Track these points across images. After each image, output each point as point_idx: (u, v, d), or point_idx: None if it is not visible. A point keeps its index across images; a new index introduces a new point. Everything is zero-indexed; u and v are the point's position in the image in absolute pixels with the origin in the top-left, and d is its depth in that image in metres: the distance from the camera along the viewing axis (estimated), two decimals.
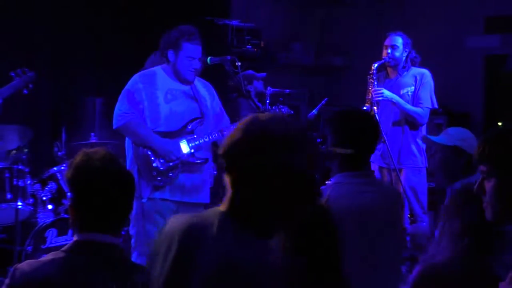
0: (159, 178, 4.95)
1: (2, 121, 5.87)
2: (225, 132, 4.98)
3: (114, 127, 5.06)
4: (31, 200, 5.94)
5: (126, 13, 7.97)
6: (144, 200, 4.90)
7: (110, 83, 8.00)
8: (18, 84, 5.66)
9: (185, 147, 5.02)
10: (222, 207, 2.06)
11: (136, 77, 5.10)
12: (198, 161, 5.08)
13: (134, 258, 4.95)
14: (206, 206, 5.21)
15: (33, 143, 6.35)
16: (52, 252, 2.52)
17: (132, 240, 5.02)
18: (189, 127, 5.06)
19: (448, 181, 4.00)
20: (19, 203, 5.77)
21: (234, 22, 8.59)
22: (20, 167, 5.89)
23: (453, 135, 4.04)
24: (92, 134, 6.74)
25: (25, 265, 2.48)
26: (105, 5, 7.92)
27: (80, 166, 2.52)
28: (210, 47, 4.97)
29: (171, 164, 4.97)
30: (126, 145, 5.12)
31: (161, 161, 4.96)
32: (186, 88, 5.12)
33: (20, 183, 5.84)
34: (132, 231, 5.00)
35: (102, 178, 2.49)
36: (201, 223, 2.04)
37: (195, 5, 8.34)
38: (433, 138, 4.19)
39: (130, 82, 5.08)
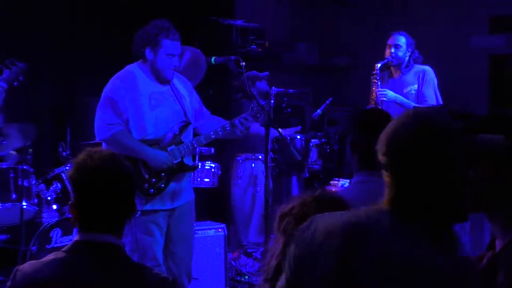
0: (151, 190, 4.81)
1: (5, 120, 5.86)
2: (212, 135, 4.94)
3: (98, 139, 4.87)
4: (35, 200, 5.95)
5: (130, 13, 7.98)
6: (138, 215, 4.70)
7: None
8: (8, 77, 5.50)
9: (174, 155, 4.88)
10: (384, 205, 2.02)
11: (117, 82, 4.86)
12: (189, 168, 5.02)
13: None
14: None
15: (38, 143, 6.35)
16: (53, 253, 2.52)
17: (126, 249, 4.95)
18: (176, 132, 4.90)
19: None
20: (24, 203, 5.78)
21: (239, 22, 8.59)
22: (25, 167, 5.91)
23: None
24: None
25: (26, 266, 2.48)
26: (109, 4, 7.93)
27: (81, 165, 2.50)
28: (214, 47, 4.94)
29: (162, 174, 4.85)
30: None
31: (152, 172, 4.82)
32: (166, 88, 4.94)
33: (25, 183, 5.85)
34: (125, 239, 4.87)
35: (103, 177, 2.47)
36: (364, 221, 2.00)
37: (199, 5, 8.35)
38: None
39: (111, 88, 4.84)
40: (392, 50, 6.41)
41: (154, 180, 4.82)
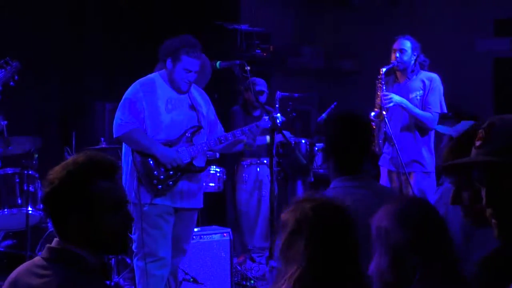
0: (159, 186, 5.01)
1: (11, 127, 5.86)
2: (222, 140, 5.16)
3: (114, 135, 5.09)
4: (41, 205, 5.95)
5: (135, 17, 7.99)
6: (145, 208, 4.94)
7: (119, 88, 8.04)
8: (5, 75, 5.51)
9: (184, 155, 5.07)
10: None
11: (137, 85, 5.12)
12: (197, 169, 5.16)
13: (135, 262, 5.03)
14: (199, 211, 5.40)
15: (43, 148, 6.35)
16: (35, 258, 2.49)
17: (134, 245, 5.06)
18: (188, 136, 5.13)
19: None
20: (30, 209, 5.79)
21: (244, 27, 8.60)
22: (30, 172, 5.91)
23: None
24: (102, 138, 6.75)
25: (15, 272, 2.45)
26: (115, 9, 7.94)
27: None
28: (219, 51, 4.97)
29: (171, 172, 5.03)
30: (123, 153, 5.16)
31: (161, 169, 5.01)
32: (183, 96, 5.18)
33: (31, 188, 5.86)
34: (133, 236, 5.03)
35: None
36: None
37: (204, 10, 8.36)
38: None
39: (130, 91, 5.10)
40: (397, 55, 6.37)
41: (162, 177, 5.01)
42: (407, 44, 6.38)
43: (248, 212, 7.30)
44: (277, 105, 6.91)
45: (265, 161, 7.24)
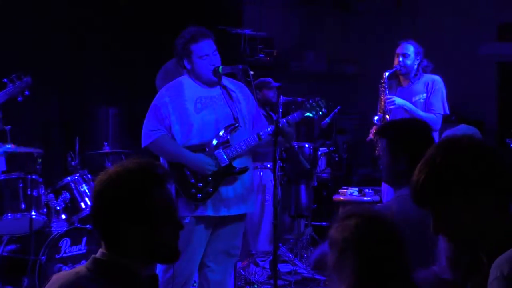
0: (199, 195, 4.66)
1: (15, 132, 5.87)
2: (262, 135, 4.71)
3: (142, 146, 4.78)
4: (45, 210, 5.95)
5: (138, 22, 8.00)
6: (186, 220, 4.57)
7: (122, 92, 8.07)
8: (12, 91, 5.49)
9: (221, 158, 4.72)
10: None
11: (163, 90, 4.84)
12: (238, 171, 4.78)
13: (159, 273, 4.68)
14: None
15: (47, 153, 6.36)
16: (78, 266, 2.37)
17: (159, 270, 4.70)
18: (224, 136, 4.74)
19: None
20: (33, 213, 5.78)
21: (247, 31, 8.61)
22: (33, 177, 5.91)
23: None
24: (105, 143, 6.75)
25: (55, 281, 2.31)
26: (117, 13, 7.96)
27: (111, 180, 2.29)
28: (222, 56, 4.89)
29: (209, 178, 4.69)
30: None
31: (199, 176, 4.68)
32: (216, 93, 4.81)
33: (34, 193, 5.85)
34: None
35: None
36: None
37: (207, 14, 8.37)
38: None
39: (157, 96, 4.82)
40: (400, 59, 6.38)
41: (201, 184, 4.68)
42: (410, 49, 6.39)
43: (252, 216, 7.28)
44: (280, 109, 6.91)
45: (268, 165, 7.23)
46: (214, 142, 4.73)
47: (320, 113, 4.96)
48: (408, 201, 3.01)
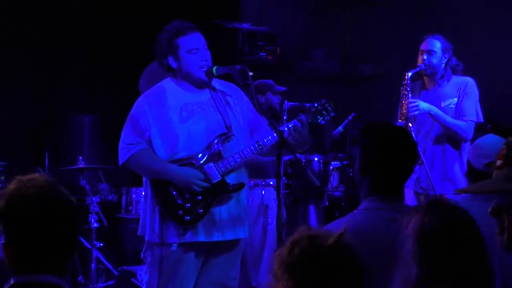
0: (187, 217, 4.55)
1: None
2: (262, 144, 4.63)
3: (119, 163, 4.72)
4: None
5: (119, 18, 8.00)
6: (173, 248, 4.52)
7: (101, 98, 8.03)
8: None
9: (212, 173, 4.63)
10: None
11: (141, 98, 4.78)
12: (231, 189, 4.69)
13: None
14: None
15: (12, 169, 6.33)
16: None
17: (143, 286, 4.76)
18: (215, 147, 4.66)
19: None
20: None
21: (245, 26, 8.60)
22: None
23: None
24: (80, 157, 6.71)
25: None
26: (97, 17, 7.97)
27: (13, 196, 2.42)
28: (217, 54, 4.81)
29: (198, 197, 4.60)
30: (143, 183, 4.81)
31: (187, 196, 4.59)
32: (205, 98, 4.75)
33: None
34: (144, 277, 4.71)
35: (38, 208, 2.40)
36: None
37: (200, 7, 8.35)
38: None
39: (135, 105, 4.76)
40: (425, 57, 6.32)
41: (189, 205, 4.58)
42: (437, 45, 6.36)
43: (252, 242, 7.19)
44: (285, 117, 6.84)
45: (271, 183, 7.16)
46: (204, 155, 4.65)
47: (328, 117, 4.86)
48: (376, 217, 3.02)
